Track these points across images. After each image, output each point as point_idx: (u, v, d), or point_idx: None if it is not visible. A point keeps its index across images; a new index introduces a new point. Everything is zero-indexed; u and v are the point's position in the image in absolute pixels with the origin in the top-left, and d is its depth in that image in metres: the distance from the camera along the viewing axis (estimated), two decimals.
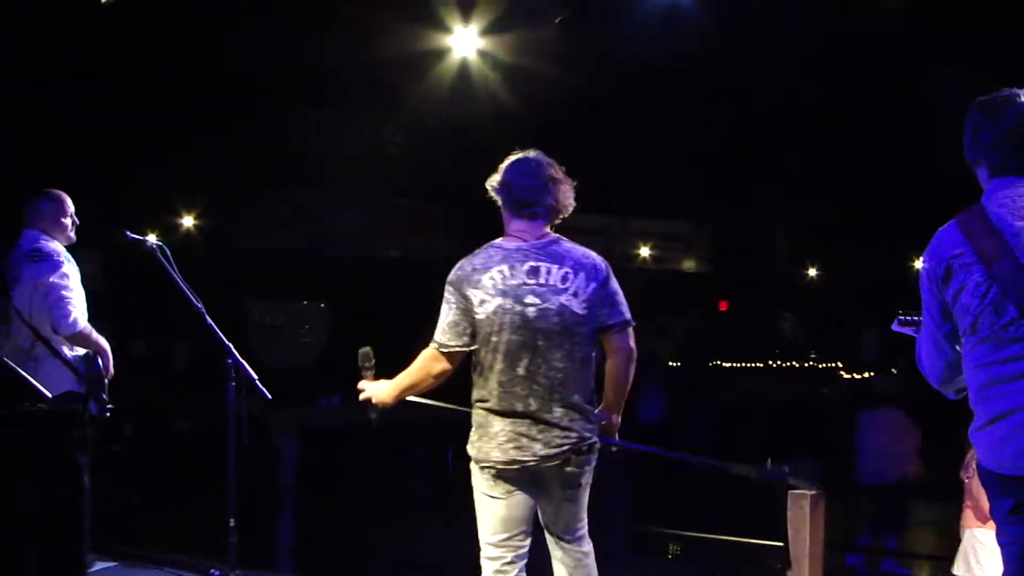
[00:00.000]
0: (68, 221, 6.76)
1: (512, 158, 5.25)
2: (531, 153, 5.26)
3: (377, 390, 5.19)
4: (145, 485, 10.92)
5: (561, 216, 5.17)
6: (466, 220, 17.28)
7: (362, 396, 5.25)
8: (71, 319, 6.36)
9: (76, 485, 3.70)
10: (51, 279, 6.35)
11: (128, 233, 6.84)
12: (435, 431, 13.43)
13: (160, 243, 6.76)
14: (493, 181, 5.20)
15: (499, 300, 4.96)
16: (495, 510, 4.94)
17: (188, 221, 15.87)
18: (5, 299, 6.49)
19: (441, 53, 13.31)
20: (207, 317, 6.70)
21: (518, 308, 4.94)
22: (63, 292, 6.35)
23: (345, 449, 12.91)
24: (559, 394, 4.87)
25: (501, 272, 5.01)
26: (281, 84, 14.09)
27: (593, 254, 5.09)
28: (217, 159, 14.41)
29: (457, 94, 13.99)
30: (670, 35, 11.92)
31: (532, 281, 5.00)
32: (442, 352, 4.98)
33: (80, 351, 6.60)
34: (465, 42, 12.90)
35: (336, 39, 12.59)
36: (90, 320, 7.08)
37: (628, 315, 5.03)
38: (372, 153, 16.78)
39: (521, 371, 4.90)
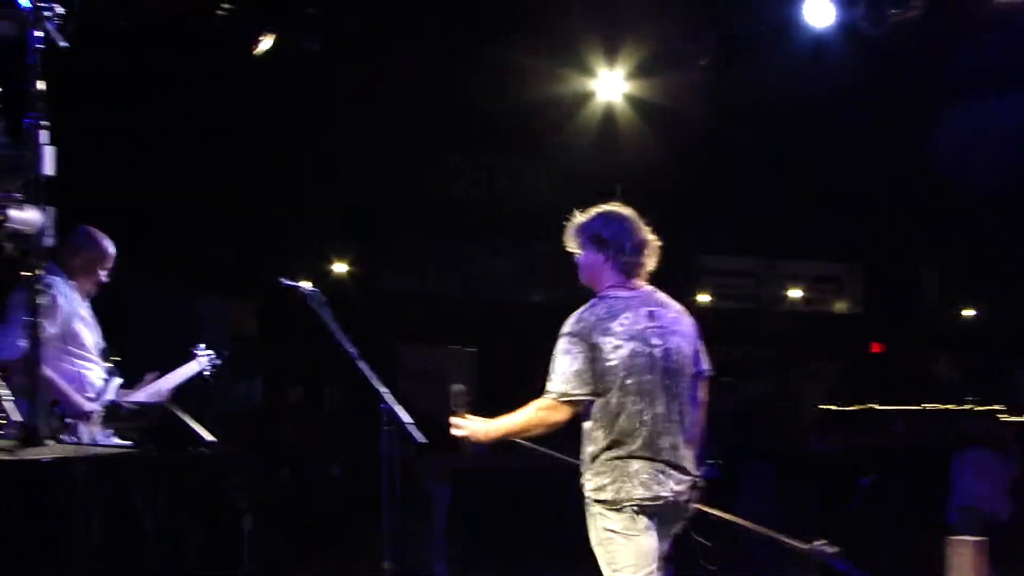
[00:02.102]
0: (78, 260, 6.51)
1: (608, 213, 5.50)
2: (624, 210, 5.61)
3: (475, 428, 5.36)
4: (301, 528, 11.07)
5: (649, 267, 5.46)
6: None
7: (456, 432, 5.44)
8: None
9: (236, 528, 3.78)
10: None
11: (282, 280, 6.96)
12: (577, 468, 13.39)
13: (314, 289, 6.87)
14: (587, 235, 5.45)
15: (632, 344, 5.15)
16: (638, 545, 5.07)
17: (340, 267, 16.13)
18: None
19: (586, 97, 13.37)
20: (360, 362, 6.80)
21: (647, 350, 5.15)
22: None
23: (501, 492, 12.94)
24: (688, 430, 5.15)
25: (628, 317, 5.22)
26: (427, 129, 14.27)
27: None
28: (367, 205, 14.65)
29: (602, 138, 14.02)
30: (819, 74, 11.81)
31: (653, 324, 5.24)
32: (563, 402, 5.12)
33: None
34: (610, 86, 12.93)
35: (481, 83, 12.72)
36: (240, 365, 7.16)
37: (709, 366, 5.36)
38: (517, 197, 16.88)
39: (660, 409, 5.11)
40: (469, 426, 5.41)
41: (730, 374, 15.98)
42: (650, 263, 5.43)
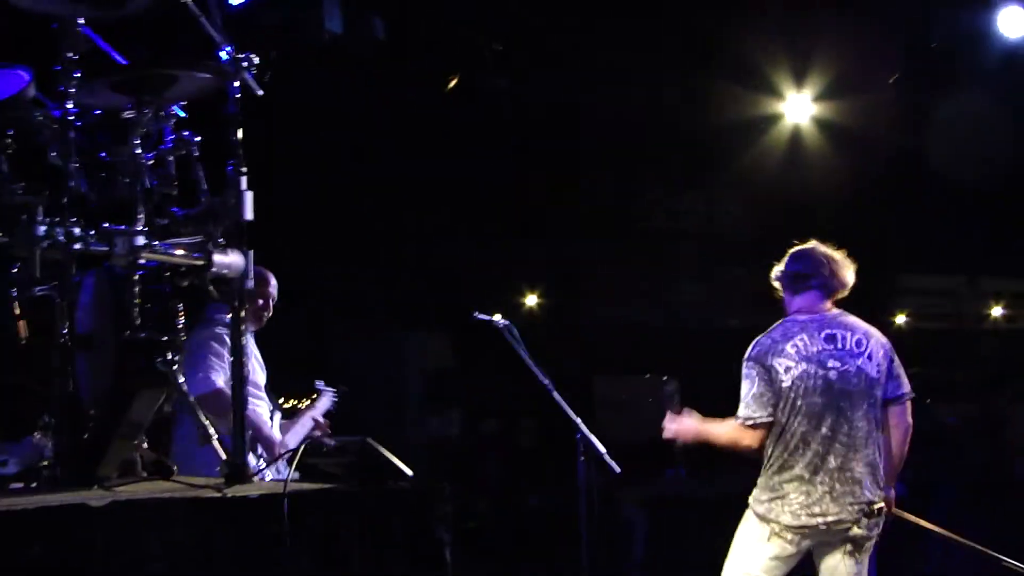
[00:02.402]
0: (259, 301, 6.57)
1: (794, 252, 5.84)
2: (813, 245, 5.78)
3: (684, 429, 5.50)
4: (500, 560, 11.14)
5: (840, 293, 5.55)
6: None
7: (666, 433, 5.58)
8: (207, 379, 6.19)
9: (439, 561, 3.83)
10: (199, 336, 6.18)
11: (476, 313, 7.05)
12: None
13: (507, 321, 6.94)
14: (781, 278, 5.57)
15: (804, 365, 5.29)
16: (761, 561, 5.30)
17: (532, 300, 16.24)
18: None
19: (773, 119, 13.21)
20: (555, 393, 6.84)
21: (821, 372, 5.26)
22: (207, 351, 6.19)
23: (694, 520, 12.82)
24: (860, 452, 5.20)
25: (802, 340, 5.37)
26: (612, 156, 14.28)
27: (879, 332, 5.46)
28: (557, 238, 14.73)
29: (790, 161, 13.83)
30: (1017, 87, 11.47)
31: (830, 347, 5.33)
32: (747, 426, 5.22)
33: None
34: (798, 108, 12.76)
35: (666, 109, 12.68)
36: (440, 400, 7.29)
37: (910, 389, 5.37)
38: (707, 223, 16.77)
39: (825, 430, 5.20)
40: (680, 423, 5.59)
41: (930, 396, 15.57)
42: (828, 280, 5.55)
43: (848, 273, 5.58)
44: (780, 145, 13.50)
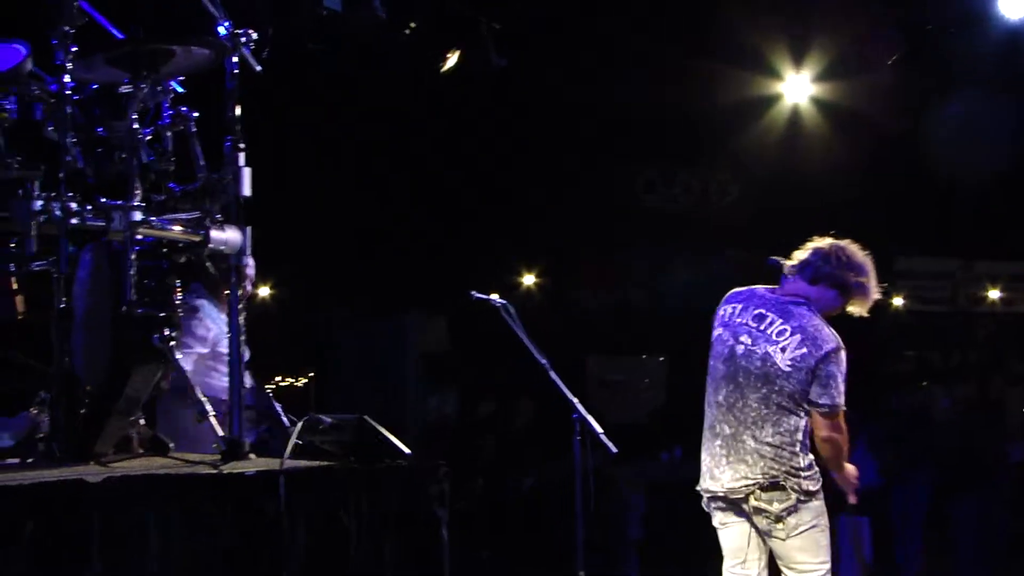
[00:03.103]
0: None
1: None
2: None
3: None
4: (495, 540, 11.15)
5: (834, 305, 5.52)
6: None
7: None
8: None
9: (435, 540, 3.83)
10: None
11: (474, 293, 7.05)
12: None
13: (504, 301, 6.94)
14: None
15: (720, 330, 5.58)
16: (721, 538, 5.52)
17: (529, 280, 16.24)
18: None
19: (772, 100, 13.18)
20: (552, 372, 6.84)
21: (731, 342, 5.45)
22: None
23: (688, 502, 12.84)
24: (753, 431, 5.27)
25: (734, 307, 5.58)
26: (612, 138, 14.25)
27: (830, 335, 5.35)
28: (554, 217, 14.71)
29: (789, 142, 13.81)
30: (1017, 68, 11.45)
31: (754, 324, 5.43)
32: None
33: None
34: (797, 88, 12.72)
35: (662, 89, 12.64)
36: (437, 380, 7.34)
37: (836, 402, 5.32)
38: (702, 205, 16.74)
39: (721, 399, 5.40)
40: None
41: (927, 379, 15.59)
42: (818, 268, 5.51)
43: (844, 271, 5.55)
44: (778, 126, 13.47)
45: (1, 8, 4.58)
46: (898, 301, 17.53)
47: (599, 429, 6.82)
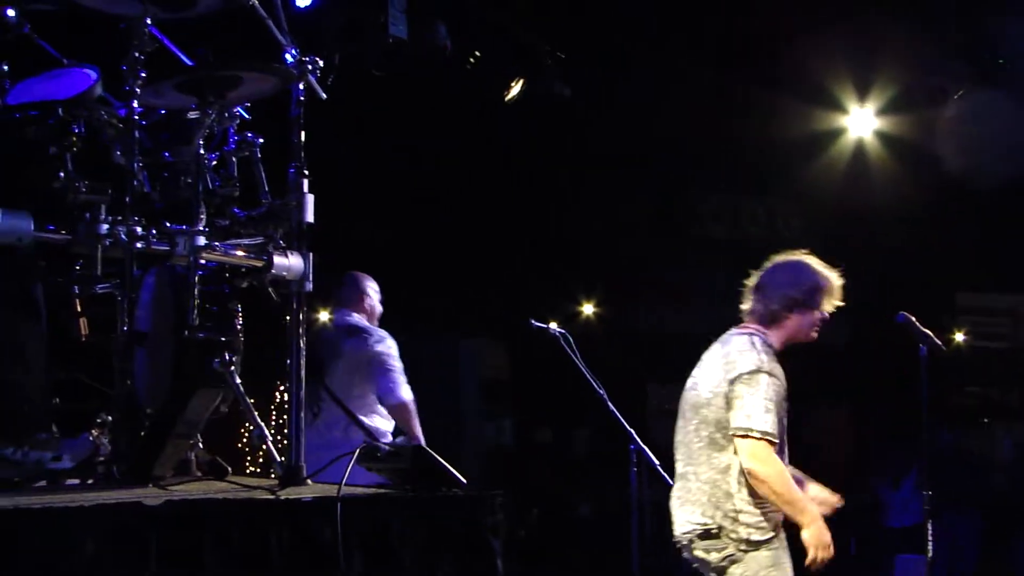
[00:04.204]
0: (370, 301, 6.97)
1: None
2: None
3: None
4: (550, 570, 11.10)
5: (781, 317, 5.17)
6: (865, 303, 16.91)
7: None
8: (398, 390, 6.58)
9: (490, 569, 3.82)
10: (376, 349, 6.59)
11: (532, 322, 7.04)
12: (834, 519, 13.07)
13: (562, 330, 6.92)
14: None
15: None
16: None
17: (588, 308, 16.20)
18: (316, 381, 6.76)
19: (836, 134, 13.13)
20: (609, 402, 6.81)
21: (687, 385, 5.23)
22: (389, 363, 6.57)
23: None
24: (692, 467, 4.99)
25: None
26: (675, 167, 14.23)
27: (750, 356, 4.97)
28: (615, 246, 14.69)
29: (852, 176, 13.73)
30: None
31: (706, 358, 5.24)
32: None
33: (388, 433, 6.76)
34: (861, 122, 12.67)
35: (729, 120, 12.63)
36: (494, 408, 7.35)
37: (749, 425, 4.81)
38: (767, 236, 16.65)
39: (677, 437, 5.19)
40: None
41: (988, 417, 15.39)
42: (746, 305, 5.34)
43: (755, 290, 5.32)
44: (843, 158, 13.40)
45: (72, 34, 4.65)
46: (959, 337, 17.33)
47: (656, 461, 6.77)
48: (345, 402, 6.63)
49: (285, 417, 4.37)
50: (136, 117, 4.12)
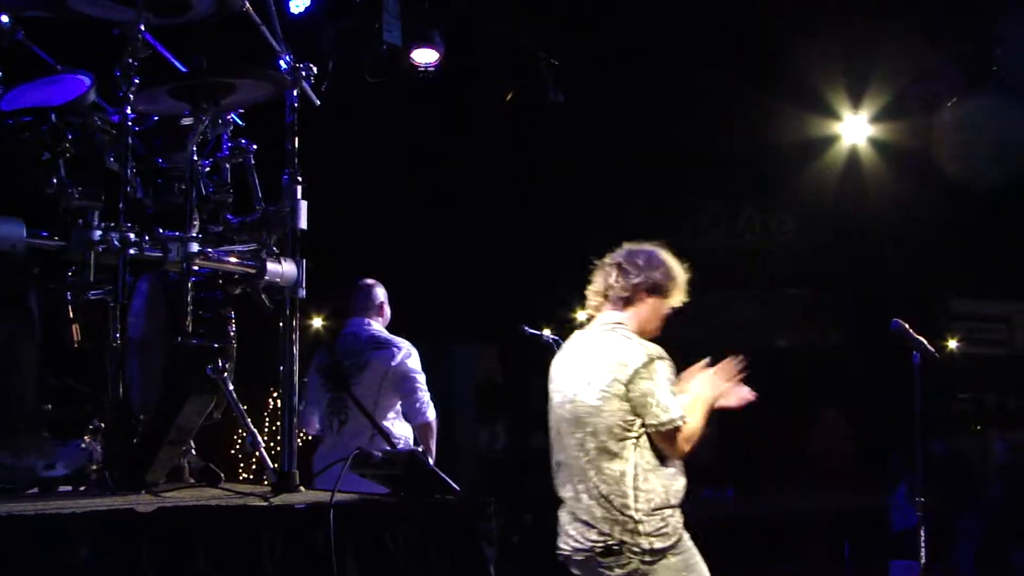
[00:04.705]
0: (385, 309, 7.07)
1: None
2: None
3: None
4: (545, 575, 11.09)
5: (648, 307, 5.08)
6: (858, 309, 16.93)
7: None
8: (426, 410, 6.66)
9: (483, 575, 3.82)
10: (408, 364, 6.65)
11: (526, 328, 7.04)
12: (831, 522, 13.09)
13: (556, 337, 6.91)
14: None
15: (550, 383, 5.01)
16: None
17: (582, 315, 16.20)
18: (342, 391, 6.80)
19: (830, 140, 13.16)
20: None
21: (551, 393, 4.95)
22: (418, 381, 6.65)
23: (740, 542, 12.74)
24: (582, 485, 4.71)
25: (559, 357, 5.08)
26: (670, 173, 14.24)
27: (634, 348, 4.82)
28: (607, 252, 14.69)
29: (847, 182, 13.76)
30: None
31: (567, 367, 4.94)
32: None
33: (407, 440, 6.81)
34: (855, 129, 12.70)
35: (724, 127, 12.65)
36: (488, 413, 7.38)
37: (663, 419, 4.69)
38: (762, 243, 16.68)
39: (553, 457, 4.86)
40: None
41: (982, 422, 15.40)
42: (594, 301, 5.15)
43: (632, 276, 5.11)
44: (837, 165, 13.44)
45: (66, 40, 4.64)
46: (953, 344, 17.36)
47: None
48: (371, 412, 6.67)
49: (278, 424, 4.35)
50: (130, 123, 4.11)
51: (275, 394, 10.38)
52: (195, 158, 4.26)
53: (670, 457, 4.74)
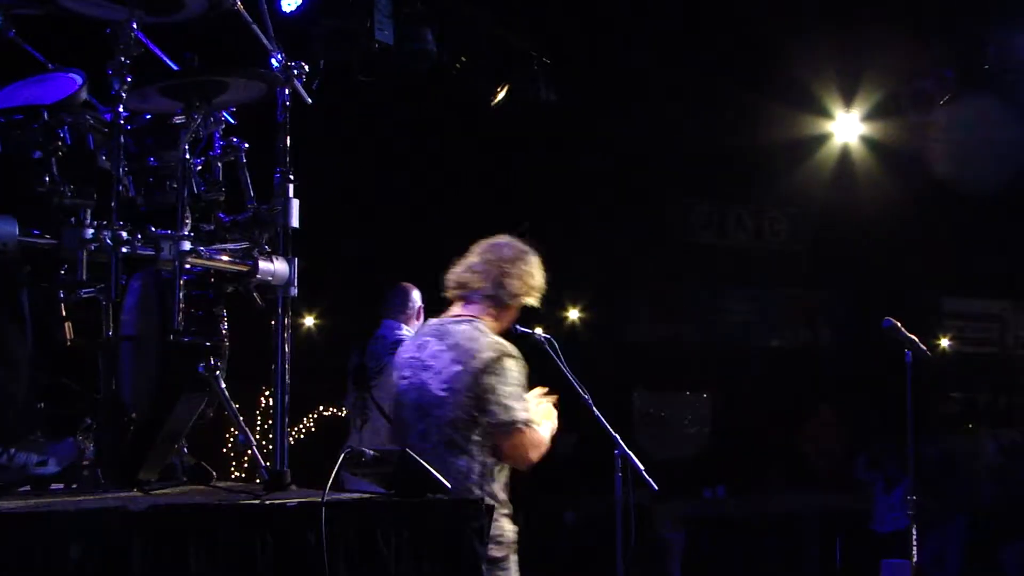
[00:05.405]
0: (414, 311, 7.13)
1: None
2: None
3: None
4: (536, 574, 11.10)
5: (507, 303, 5.03)
6: (849, 309, 16.97)
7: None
8: None
9: (475, 574, 3.83)
10: None
11: (517, 327, 7.04)
12: (825, 522, 13.12)
13: (548, 336, 6.93)
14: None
15: (395, 372, 4.92)
16: None
17: (574, 314, 16.22)
18: (364, 391, 6.83)
19: (822, 139, 13.18)
20: (594, 408, 6.81)
21: (397, 380, 4.87)
22: None
23: (731, 540, 12.76)
24: None
25: (408, 345, 5.00)
26: (662, 173, 14.26)
27: (487, 342, 4.76)
28: (601, 252, 14.71)
29: (840, 181, 13.78)
30: None
31: (416, 355, 4.86)
32: None
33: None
34: (847, 127, 12.72)
35: (715, 126, 12.66)
36: None
37: (503, 419, 4.66)
38: (754, 243, 16.70)
39: (398, 444, 4.68)
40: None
41: (973, 421, 15.43)
42: (484, 290, 5.03)
43: (511, 279, 5.05)
44: (828, 164, 13.46)
45: (58, 38, 4.64)
46: (945, 343, 17.40)
47: (641, 466, 6.77)
48: (390, 414, 6.73)
49: (270, 422, 4.36)
50: (121, 122, 4.11)
51: (267, 393, 10.38)
52: (187, 156, 4.26)
53: (512, 462, 4.73)
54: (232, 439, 7.19)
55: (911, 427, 6.58)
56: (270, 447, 4.21)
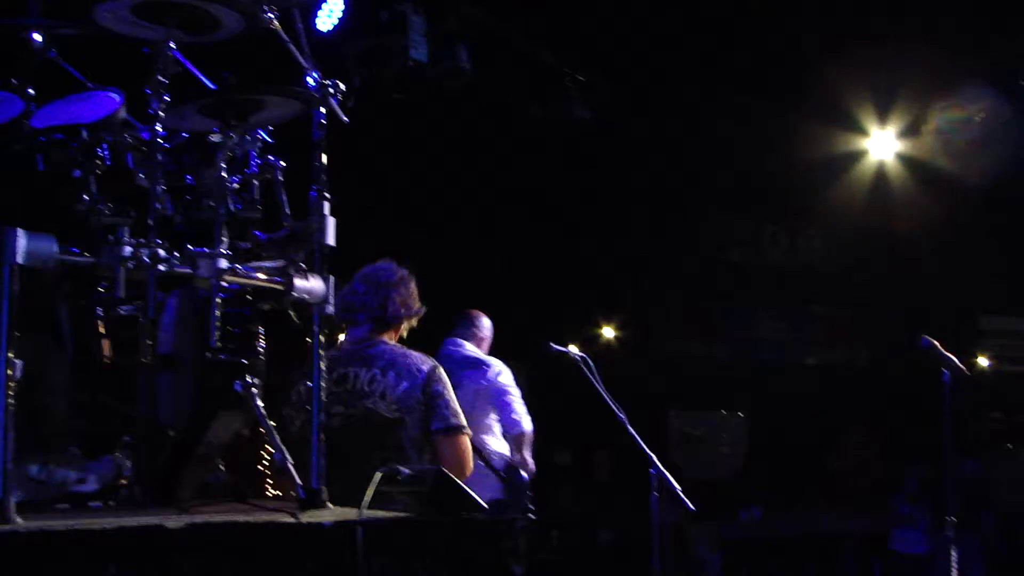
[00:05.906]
0: (482, 335, 7.28)
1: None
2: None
3: None
4: None
5: (402, 322, 5.07)
6: (887, 327, 16.85)
7: None
8: (521, 421, 6.83)
9: None
10: (499, 381, 6.81)
11: (552, 345, 7.07)
12: (862, 544, 13.02)
13: (583, 354, 6.94)
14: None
15: (305, 415, 4.27)
16: None
17: (609, 332, 16.18)
18: None
19: (857, 156, 13.13)
20: (629, 427, 6.81)
21: (328, 420, 4.36)
22: (511, 394, 6.82)
23: (768, 562, 12.69)
24: None
25: (331, 376, 4.68)
26: (696, 191, 14.23)
27: (419, 356, 4.88)
28: (635, 270, 14.68)
29: (875, 199, 13.71)
30: None
31: (338, 389, 4.82)
32: None
33: (502, 456, 6.91)
34: (882, 145, 12.67)
35: (750, 144, 12.63)
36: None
37: (452, 423, 4.79)
38: (789, 261, 16.64)
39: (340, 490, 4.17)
40: None
41: (1012, 441, 15.30)
42: (378, 312, 5.06)
43: (405, 299, 5.08)
44: (864, 181, 13.40)
45: (97, 57, 4.67)
46: (984, 361, 17.25)
47: (677, 486, 6.76)
48: None
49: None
50: (159, 140, 4.13)
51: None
52: (224, 175, 4.27)
53: (455, 469, 4.63)
54: (268, 457, 7.20)
55: (949, 448, 6.53)
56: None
